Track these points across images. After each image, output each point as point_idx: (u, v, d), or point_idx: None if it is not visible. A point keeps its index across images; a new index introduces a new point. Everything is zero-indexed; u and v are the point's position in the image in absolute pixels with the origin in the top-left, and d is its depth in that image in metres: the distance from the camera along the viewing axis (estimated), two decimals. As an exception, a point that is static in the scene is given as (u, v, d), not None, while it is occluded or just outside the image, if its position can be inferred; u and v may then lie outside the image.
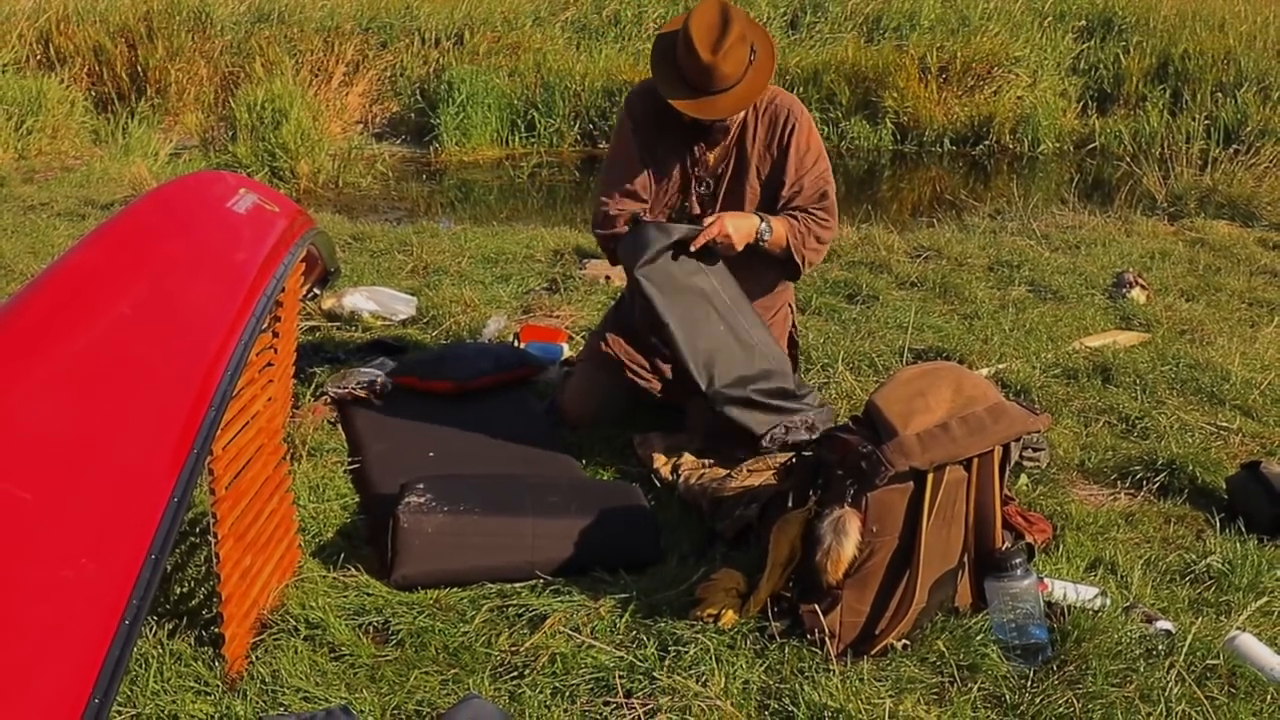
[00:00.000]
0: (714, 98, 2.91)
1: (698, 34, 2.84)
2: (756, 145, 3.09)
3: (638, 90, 3.21)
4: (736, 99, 2.93)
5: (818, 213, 3.09)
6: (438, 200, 8.35)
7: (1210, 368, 3.74)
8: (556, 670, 2.12)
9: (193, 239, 2.44)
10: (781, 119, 3.07)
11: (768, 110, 3.08)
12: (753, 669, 2.11)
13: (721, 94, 2.91)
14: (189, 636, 2.17)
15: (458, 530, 2.44)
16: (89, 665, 1.33)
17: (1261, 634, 2.24)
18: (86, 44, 9.85)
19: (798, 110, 3.10)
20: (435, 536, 2.42)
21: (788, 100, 3.12)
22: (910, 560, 2.16)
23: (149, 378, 1.91)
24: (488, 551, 2.43)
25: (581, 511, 2.53)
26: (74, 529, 1.54)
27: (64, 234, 5.71)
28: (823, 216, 3.10)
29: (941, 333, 4.19)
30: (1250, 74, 9.38)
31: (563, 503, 2.57)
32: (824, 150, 3.15)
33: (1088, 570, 2.51)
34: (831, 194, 3.13)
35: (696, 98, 2.91)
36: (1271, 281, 5.06)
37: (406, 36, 10.50)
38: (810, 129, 3.11)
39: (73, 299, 2.03)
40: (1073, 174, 8.42)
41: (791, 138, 3.06)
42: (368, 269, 5.04)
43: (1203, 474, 2.99)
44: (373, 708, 2.00)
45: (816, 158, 3.11)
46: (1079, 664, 2.10)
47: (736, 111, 2.97)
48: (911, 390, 2.26)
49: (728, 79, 2.88)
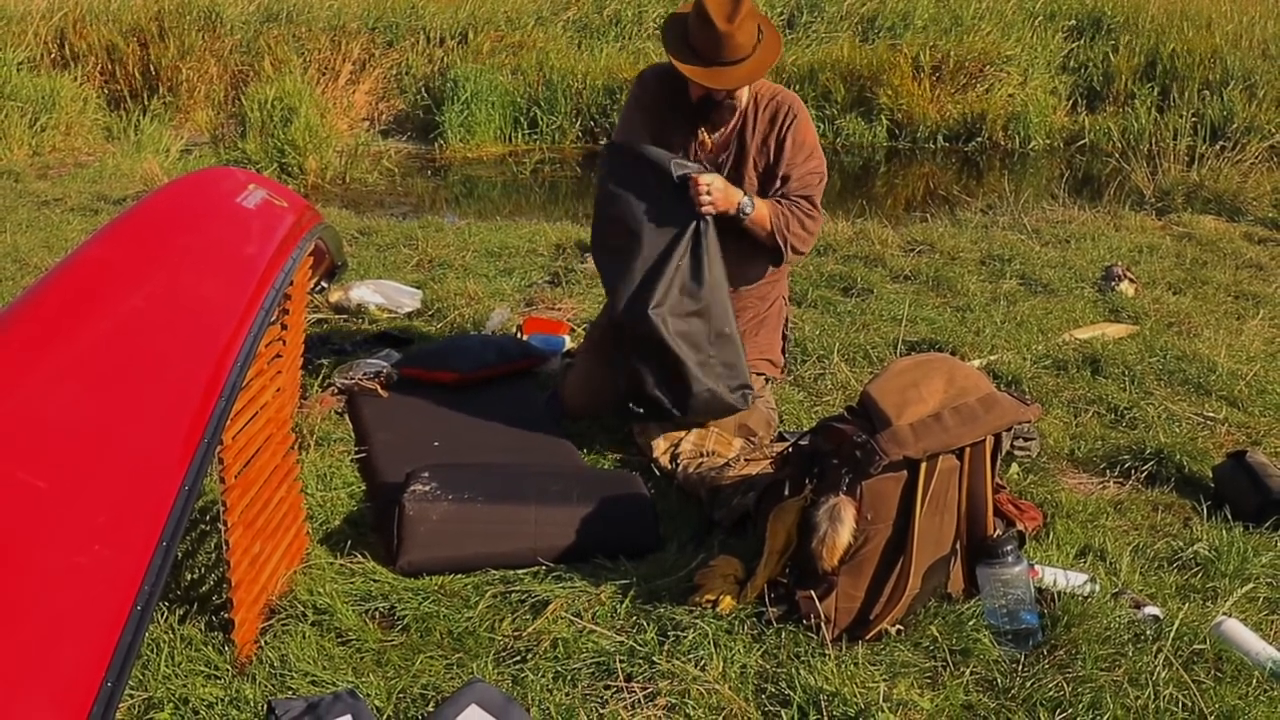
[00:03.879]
0: (726, 68, 2.95)
1: (713, 5, 2.89)
2: (756, 137, 3.12)
3: (651, 69, 3.26)
4: (748, 70, 2.97)
5: (803, 204, 3.12)
6: (442, 196, 8.37)
7: (1197, 359, 3.77)
8: (558, 655, 2.15)
9: (203, 233, 2.44)
10: (782, 114, 3.11)
11: (769, 104, 3.12)
12: (750, 653, 2.13)
13: (734, 65, 2.94)
14: (199, 622, 2.20)
15: (462, 518, 2.47)
16: (102, 649, 1.35)
17: (1247, 619, 2.27)
18: (99, 43, 9.88)
19: (798, 107, 3.14)
20: (440, 524, 2.45)
21: (789, 97, 3.16)
22: (904, 547, 2.18)
23: (160, 369, 1.92)
24: (491, 538, 2.47)
25: (583, 500, 2.57)
26: (88, 516, 1.56)
27: (77, 229, 5.74)
28: (808, 208, 3.13)
29: (934, 325, 4.21)
30: (1236, 72, 9.41)
31: (564, 491, 2.60)
32: (819, 147, 3.19)
33: (1077, 557, 2.53)
34: (819, 189, 3.16)
35: (709, 67, 2.95)
36: (1257, 275, 5.09)
37: (412, 35, 10.55)
38: (808, 125, 3.15)
39: (86, 292, 2.05)
40: (1063, 170, 8.44)
41: (789, 132, 3.10)
42: (374, 263, 5.07)
43: (1190, 463, 3.02)
44: (379, 691, 2.03)
45: (810, 153, 3.14)
46: (1069, 649, 2.13)
47: (747, 82, 3.01)
48: (905, 381, 2.28)
49: (740, 49, 2.92)
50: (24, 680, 1.30)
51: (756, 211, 3.05)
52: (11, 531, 1.49)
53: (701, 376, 2.93)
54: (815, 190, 3.15)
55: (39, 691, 1.30)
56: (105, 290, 2.07)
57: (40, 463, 1.60)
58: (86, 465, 1.65)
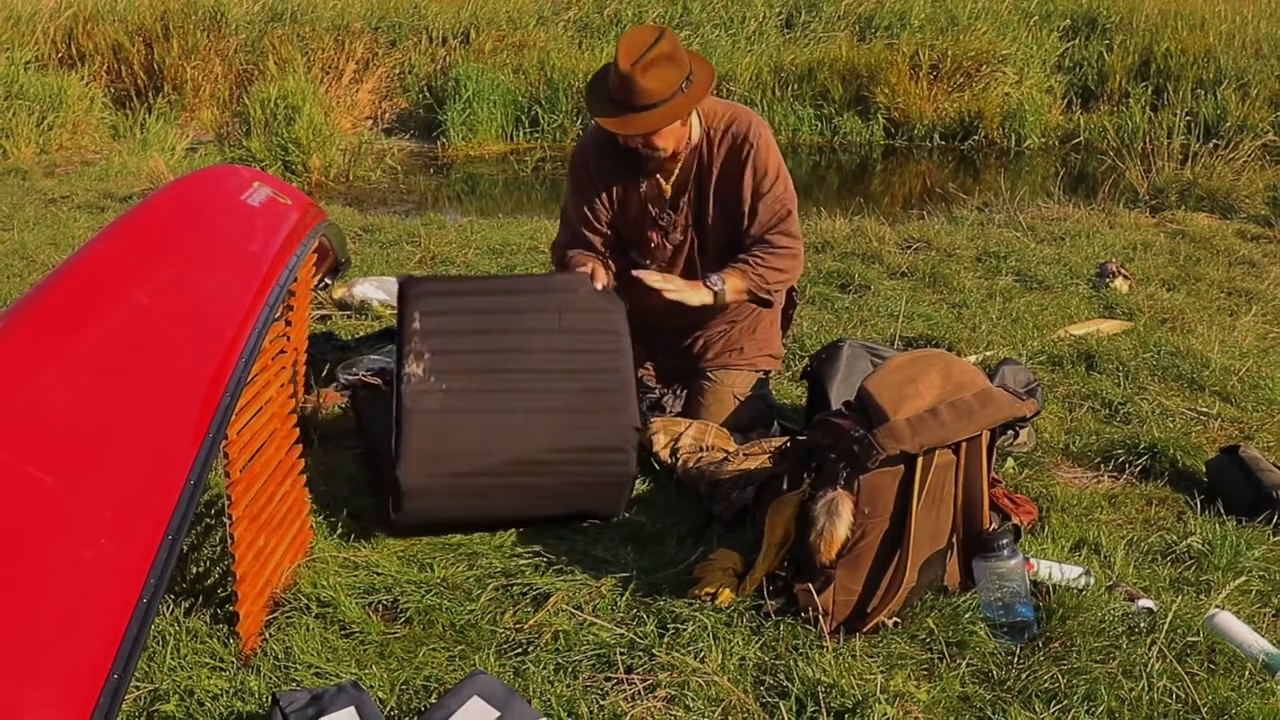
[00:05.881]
0: (635, 114, 2.78)
1: (624, 47, 2.76)
2: (716, 172, 2.99)
3: (584, 140, 3.16)
4: (652, 117, 2.78)
5: (776, 238, 2.99)
6: (445, 193, 8.41)
7: (1190, 355, 3.78)
8: (559, 647, 2.16)
9: (208, 231, 2.45)
10: (739, 142, 2.96)
11: (725, 136, 2.97)
12: (749, 646, 2.15)
13: (644, 111, 2.77)
14: (205, 614, 2.22)
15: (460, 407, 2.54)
16: (108, 641, 1.36)
17: (1240, 612, 2.28)
18: (106, 42, 9.96)
19: (755, 130, 2.97)
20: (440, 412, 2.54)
21: (745, 120, 2.98)
22: (901, 541, 2.19)
23: (166, 365, 1.93)
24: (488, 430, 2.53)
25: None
26: (94, 510, 1.57)
27: (84, 226, 5.77)
28: (781, 244, 2.99)
29: (931, 321, 4.23)
30: (1229, 71, 9.44)
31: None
32: (783, 170, 3.02)
33: (1072, 550, 2.54)
34: (791, 212, 3.01)
35: (620, 115, 2.80)
36: (1249, 272, 5.11)
37: (415, 35, 10.61)
38: (768, 149, 2.98)
39: (93, 288, 2.05)
40: (1058, 168, 8.45)
41: (748, 161, 2.95)
42: (377, 259, 5.09)
43: (1183, 457, 3.03)
44: (382, 683, 2.04)
45: (774, 179, 2.98)
46: (1064, 641, 2.14)
47: (649, 130, 2.81)
48: (902, 377, 2.29)
49: (648, 95, 2.75)
50: (31, 672, 1.30)
51: (729, 293, 2.96)
52: (19, 525, 1.50)
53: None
54: (787, 219, 3.00)
55: (46, 683, 1.31)
56: (111, 286, 2.07)
57: (47, 457, 1.61)
58: (93, 460, 1.66)
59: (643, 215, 3.08)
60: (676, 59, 2.79)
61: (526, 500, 2.59)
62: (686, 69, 2.81)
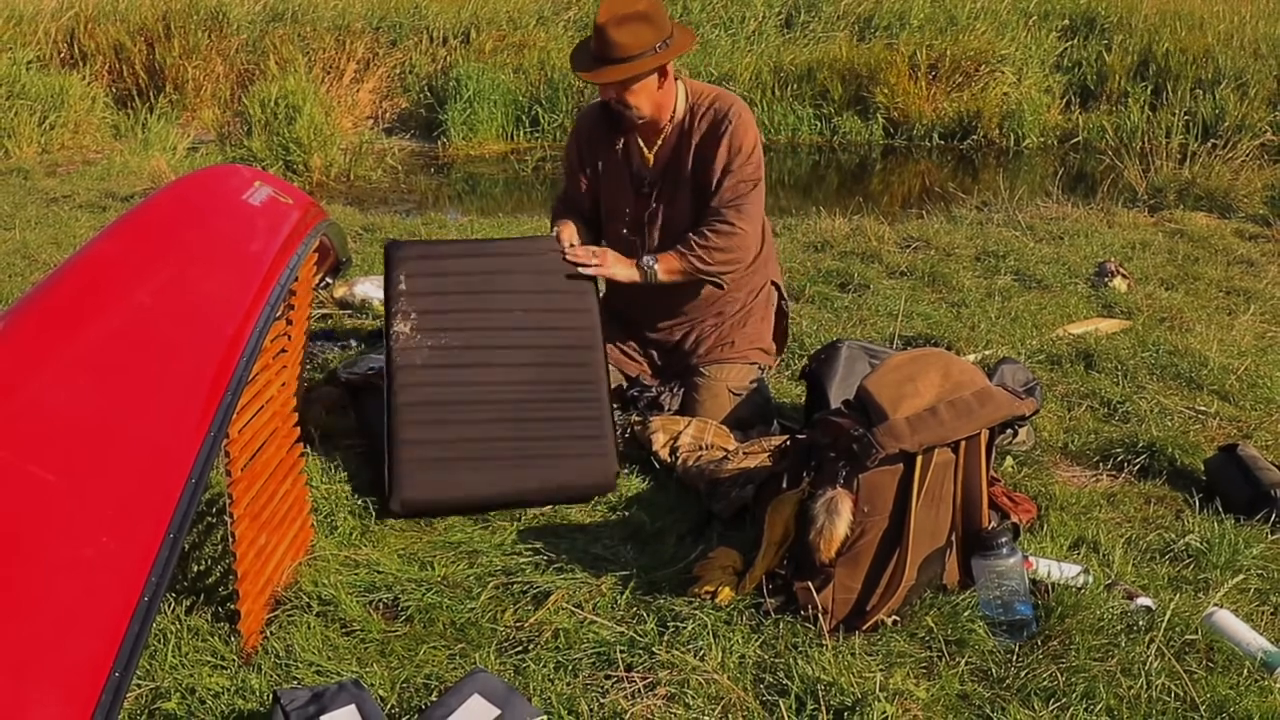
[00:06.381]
0: (605, 67, 2.92)
1: (605, 4, 2.88)
2: (695, 146, 3.07)
3: (586, 106, 3.28)
4: (622, 69, 2.90)
5: (724, 214, 3.04)
6: (445, 193, 8.42)
7: (1189, 354, 3.78)
8: (560, 645, 2.17)
9: (210, 230, 2.44)
10: (720, 118, 3.04)
11: (708, 111, 3.06)
12: (748, 644, 2.15)
13: (614, 64, 2.91)
14: (206, 612, 2.22)
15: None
16: (110, 639, 1.36)
17: (1238, 610, 2.28)
18: (107, 42, 9.98)
19: (737, 110, 3.06)
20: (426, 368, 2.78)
21: (729, 101, 3.09)
22: (900, 539, 2.20)
23: (167, 363, 1.92)
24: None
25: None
26: (95, 508, 1.56)
27: (85, 225, 5.78)
28: (726, 223, 3.04)
29: (930, 320, 4.24)
30: (1228, 71, 9.44)
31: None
32: (759, 152, 3.08)
33: (1071, 549, 2.55)
34: (750, 196, 3.06)
35: (594, 68, 2.94)
36: (1248, 271, 5.11)
37: (415, 35, 10.63)
38: (747, 129, 3.05)
39: (94, 287, 2.05)
40: (1057, 167, 8.45)
41: (725, 136, 3.02)
42: (378, 259, 5.04)
43: (1181, 456, 3.04)
44: (383, 681, 2.05)
45: (746, 159, 3.04)
46: (1062, 639, 2.14)
47: (616, 80, 2.93)
48: (901, 376, 2.29)
49: (620, 49, 2.88)
50: (33, 670, 1.30)
51: (662, 273, 3.08)
52: (21, 524, 1.50)
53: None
54: (746, 198, 3.05)
55: (48, 681, 1.31)
56: (113, 286, 2.07)
57: (49, 456, 1.61)
58: (94, 458, 1.66)
59: (624, 183, 3.19)
60: (654, 20, 2.91)
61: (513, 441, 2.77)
62: (665, 32, 2.93)
